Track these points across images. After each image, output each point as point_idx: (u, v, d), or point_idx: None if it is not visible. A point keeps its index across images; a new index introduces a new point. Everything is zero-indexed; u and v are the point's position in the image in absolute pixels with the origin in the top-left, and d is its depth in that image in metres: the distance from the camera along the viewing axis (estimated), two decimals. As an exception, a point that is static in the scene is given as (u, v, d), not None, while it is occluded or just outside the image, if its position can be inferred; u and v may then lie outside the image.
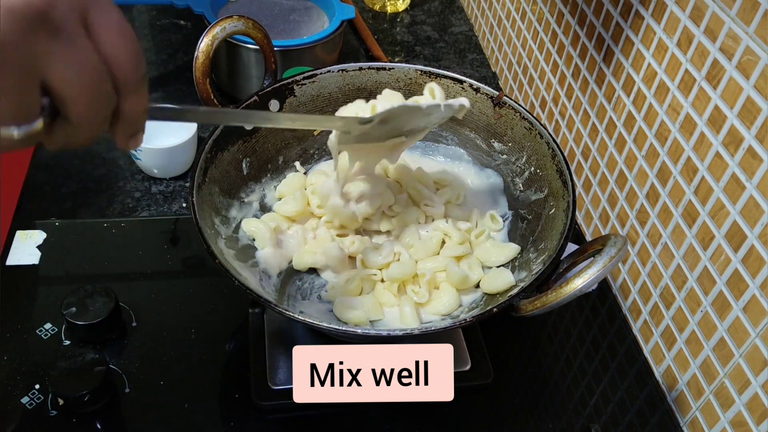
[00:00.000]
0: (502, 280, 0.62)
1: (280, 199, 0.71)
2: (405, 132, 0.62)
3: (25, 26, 0.29)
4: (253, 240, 0.66)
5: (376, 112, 0.56)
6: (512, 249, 0.67)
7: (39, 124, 0.31)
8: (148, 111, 0.36)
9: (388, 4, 1.26)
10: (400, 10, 1.26)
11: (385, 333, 0.57)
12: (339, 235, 0.68)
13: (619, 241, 0.53)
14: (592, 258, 0.56)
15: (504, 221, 0.71)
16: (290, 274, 0.67)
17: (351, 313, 0.62)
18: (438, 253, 0.67)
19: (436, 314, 0.63)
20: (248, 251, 0.65)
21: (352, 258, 0.67)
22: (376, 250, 0.66)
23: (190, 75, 0.67)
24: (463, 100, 0.61)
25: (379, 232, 0.69)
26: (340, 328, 0.56)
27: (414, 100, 0.60)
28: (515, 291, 0.58)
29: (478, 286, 0.66)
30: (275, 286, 0.65)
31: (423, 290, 0.63)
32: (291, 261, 0.67)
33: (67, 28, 0.30)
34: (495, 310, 0.54)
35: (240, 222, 0.67)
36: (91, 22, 0.32)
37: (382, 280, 0.66)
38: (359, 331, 0.56)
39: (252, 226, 0.66)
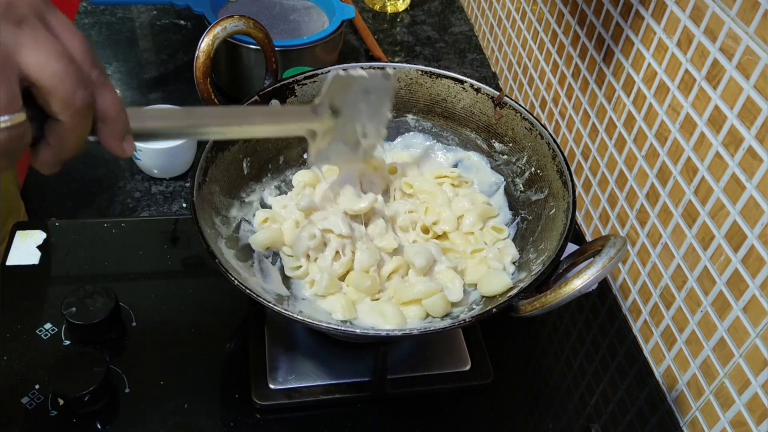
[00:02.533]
0: (498, 282, 0.62)
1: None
2: (366, 126, 0.62)
3: None
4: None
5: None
6: (503, 283, 0.62)
7: (22, 114, 0.34)
8: (122, 105, 0.38)
9: (388, 4, 1.26)
10: (400, 10, 1.27)
11: (384, 333, 0.56)
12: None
13: (619, 241, 0.53)
14: (591, 259, 0.56)
15: (508, 227, 0.71)
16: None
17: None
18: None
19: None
20: (248, 251, 0.65)
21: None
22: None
23: (190, 75, 0.67)
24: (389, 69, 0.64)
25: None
26: (339, 328, 0.56)
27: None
28: (515, 291, 0.58)
29: (475, 286, 0.66)
30: (279, 270, 0.66)
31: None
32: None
33: (29, 20, 0.33)
34: (494, 310, 0.54)
35: (240, 222, 0.67)
36: (48, 23, 0.35)
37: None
38: (358, 331, 0.56)
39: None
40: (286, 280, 0.66)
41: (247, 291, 0.53)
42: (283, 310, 0.53)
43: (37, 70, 0.33)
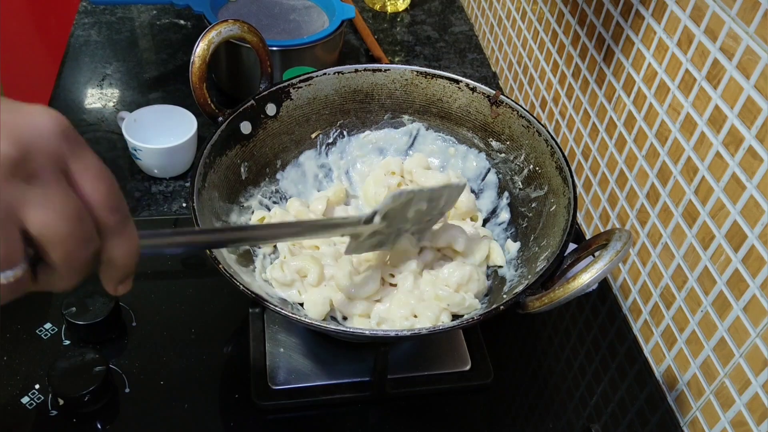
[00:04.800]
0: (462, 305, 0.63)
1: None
2: (413, 229, 0.61)
3: (1, 174, 0.30)
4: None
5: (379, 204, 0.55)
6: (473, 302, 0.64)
7: (22, 269, 0.32)
8: (137, 253, 0.37)
9: (388, 3, 1.26)
10: (400, 9, 1.26)
11: (393, 333, 0.56)
12: None
13: (624, 235, 0.52)
14: (593, 255, 0.56)
15: (499, 224, 0.72)
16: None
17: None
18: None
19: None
20: (248, 256, 0.65)
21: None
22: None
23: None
24: (462, 180, 0.68)
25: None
26: (347, 330, 0.56)
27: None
28: (521, 288, 0.58)
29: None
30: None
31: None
32: None
33: (43, 174, 0.32)
34: (502, 308, 0.54)
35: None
36: (70, 170, 0.33)
37: None
38: (367, 332, 0.55)
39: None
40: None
41: (254, 295, 0.53)
42: (289, 314, 0.53)
43: (39, 230, 0.32)
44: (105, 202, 0.34)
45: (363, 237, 0.55)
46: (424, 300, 0.63)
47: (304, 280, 0.63)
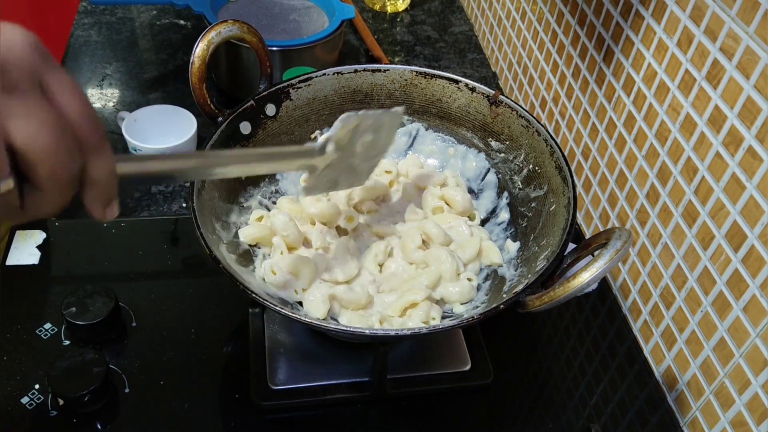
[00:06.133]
0: (460, 293, 0.64)
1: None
2: (362, 166, 0.62)
3: None
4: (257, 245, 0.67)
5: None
6: (470, 288, 0.65)
7: (9, 182, 0.32)
8: (115, 173, 0.36)
9: (388, 4, 1.26)
10: (400, 9, 1.26)
11: (393, 332, 0.56)
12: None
13: (624, 233, 0.52)
14: (592, 255, 0.56)
15: (499, 224, 0.72)
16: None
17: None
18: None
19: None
20: (248, 256, 0.65)
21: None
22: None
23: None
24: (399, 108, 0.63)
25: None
26: (347, 329, 0.56)
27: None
28: (521, 287, 0.58)
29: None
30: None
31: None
32: None
33: (22, 86, 0.32)
34: (502, 306, 0.54)
35: (240, 227, 0.66)
36: (46, 85, 0.33)
37: None
38: (367, 332, 0.55)
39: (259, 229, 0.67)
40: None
41: (253, 295, 0.53)
42: (289, 314, 0.53)
43: (25, 142, 0.31)
44: (83, 116, 0.34)
45: (318, 171, 0.55)
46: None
47: (298, 280, 0.63)
